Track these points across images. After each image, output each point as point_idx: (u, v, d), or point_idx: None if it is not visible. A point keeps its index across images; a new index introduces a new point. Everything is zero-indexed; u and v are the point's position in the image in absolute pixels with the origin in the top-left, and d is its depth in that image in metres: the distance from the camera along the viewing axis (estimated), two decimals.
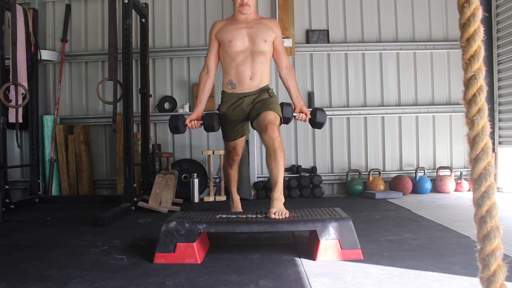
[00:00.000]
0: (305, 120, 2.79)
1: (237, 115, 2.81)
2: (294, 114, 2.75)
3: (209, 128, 2.76)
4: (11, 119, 4.06)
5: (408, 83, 5.03)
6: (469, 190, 4.76)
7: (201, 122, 2.78)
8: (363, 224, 3.00)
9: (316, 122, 2.78)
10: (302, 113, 2.78)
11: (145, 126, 4.53)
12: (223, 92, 2.87)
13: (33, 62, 4.41)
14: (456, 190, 4.83)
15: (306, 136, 4.96)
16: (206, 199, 4.52)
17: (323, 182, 4.77)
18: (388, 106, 5.00)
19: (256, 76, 2.75)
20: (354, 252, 2.13)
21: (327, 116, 4.79)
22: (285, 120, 2.70)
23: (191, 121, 2.78)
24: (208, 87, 2.85)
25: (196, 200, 4.43)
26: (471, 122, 0.73)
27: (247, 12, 2.78)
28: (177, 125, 2.72)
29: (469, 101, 0.73)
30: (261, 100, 2.74)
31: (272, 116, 2.59)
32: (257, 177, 4.76)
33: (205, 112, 2.82)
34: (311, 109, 2.82)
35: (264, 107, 2.66)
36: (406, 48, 5.01)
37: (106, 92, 4.72)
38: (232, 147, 2.97)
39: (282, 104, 2.72)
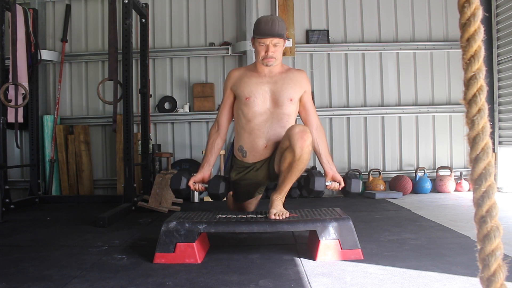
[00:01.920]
0: (337, 190, 2.40)
1: (250, 179, 2.52)
2: (326, 183, 2.35)
3: (214, 197, 2.46)
4: (11, 119, 4.06)
5: (408, 83, 5.03)
6: (469, 190, 4.77)
7: (206, 185, 2.43)
8: (363, 224, 3.00)
9: (351, 193, 2.40)
10: (335, 181, 2.38)
11: (145, 126, 4.53)
12: (234, 157, 2.59)
13: (33, 62, 4.40)
14: (456, 190, 4.83)
15: None
16: (206, 199, 4.52)
17: None
18: (388, 106, 5.00)
19: (273, 144, 2.38)
20: (354, 252, 2.13)
21: (327, 117, 4.91)
22: (317, 193, 2.30)
23: (195, 182, 2.41)
24: (218, 147, 2.50)
25: (196, 200, 4.44)
26: (471, 122, 0.73)
27: (272, 65, 2.37)
28: (178, 189, 2.38)
29: (469, 101, 0.73)
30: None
31: (302, 126, 2.20)
32: None
33: (212, 177, 2.45)
34: (343, 175, 2.45)
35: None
36: (406, 48, 5.01)
37: (106, 92, 4.72)
38: (241, 207, 2.74)
39: (312, 173, 2.31)
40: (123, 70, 3.92)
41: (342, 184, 2.38)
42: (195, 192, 4.41)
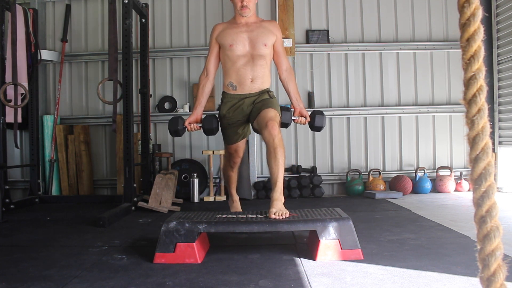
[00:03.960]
0: (304, 123, 2.78)
1: (238, 117, 2.81)
2: (293, 118, 2.73)
3: (208, 132, 2.77)
4: (10, 119, 4.06)
5: (408, 83, 5.03)
6: (469, 190, 4.76)
7: (200, 125, 2.77)
8: (363, 224, 3.00)
9: (314, 126, 2.76)
10: (302, 116, 2.76)
11: (145, 126, 4.53)
12: (223, 93, 2.87)
13: (33, 62, 4.41)
14: (456, 190, 4.83)
15: (306, 136, 4.96)
16: (206, 199, 4.52)
17: (323, 182, 4.77)
18: (388, 106, 5.00)
19: (257, 79, 2.76)
20: (354, 252, 2.13)
21: (327, 117, 4.90)
22: (284, 125, 2.68)
23: (190, 123, 2.77)
24: (208, 89, 2.86)
25: (196, 200, 4.43)
26: (471, 122, 0.73)
27: (247, 15, 2.79)
28: (177, 129, 2.72)
29: (469, 101, 0.73)
30: (261, 100, 2.76)
31: (272, 114, 2.59)
32: (257, 177, 4.76)
33: (204, 115, 2.81)
34: (310, 112, 2.81)
35: (264, 106, 2.68)
36: (406, 48, 5.01)
37: (106, 92, 4.72)
38: (233, 149, 2.97)
39: (280, 109, 2.69)
40: (123, 70, 3.92)
41: (308, 119, 2.75)
42: (195, 190, 4.40)
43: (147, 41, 4.58)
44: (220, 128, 2.87)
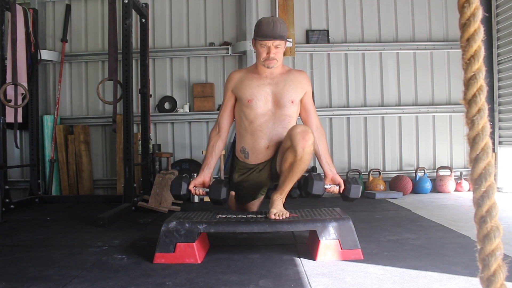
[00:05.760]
0: (336, 192, 2.37)
1: (253, 180, 2.52)
2: (325, 186, 2.34)
3: (215, 203, 2.41)
4: (10, 119, 4.06)
5: (408, 83, 5.03)
6: (469, 190, 4.76)
7: (207, 190, 2.40)
8: (363, 224, 2.99)
9: (349, 198, 2.37)
10: (335, 184, 2.37)
11: (145, 126, 4.53)
12: (236, 158, 2.59)
13: (33, 62, 4.40)
14: (456, 190, 4.83)
15: None
16: (206, 199, 4.52)
17: None
18: (388, 106, 5.00)
19: (275, 145, 2.39)
20: (354, 252, 2.13)
21: (327, 117, 4.91)
22: (315, 197, 2.29)
23: (195, 186, 2.39)
24: (218, 149, 2.48)
25: (196, 200, 4.43)
26: (471, 122, 0.73)
27: (273, 67, 2.37)
28: (179, 194, 2.35)
29: (469, 101, 0.73)
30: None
31: (303, 127, 2.20)
32: None
33: (213, 182, 2.40)
34: (343, 178, 2.42)
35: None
36: (406, 48, 5.01)
37: (106, 92, 4.72)
38: (245, 209, 2.68)
39: (312, 177, 2.28)
40: (123, 70, 3.91)
41: (342, 187, 2.37)
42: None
43: (147, 41, 4.57)
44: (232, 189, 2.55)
